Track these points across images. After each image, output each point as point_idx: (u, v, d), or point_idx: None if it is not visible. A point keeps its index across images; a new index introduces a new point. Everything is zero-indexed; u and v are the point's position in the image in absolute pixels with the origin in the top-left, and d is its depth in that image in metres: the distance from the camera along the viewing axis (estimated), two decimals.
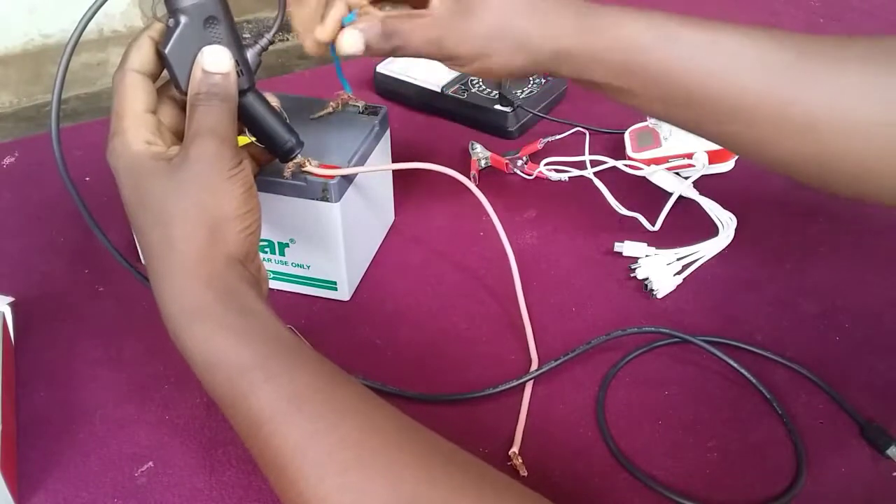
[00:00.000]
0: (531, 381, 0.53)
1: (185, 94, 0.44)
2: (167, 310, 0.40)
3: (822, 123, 0.44)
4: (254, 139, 0.50)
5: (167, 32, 0.43)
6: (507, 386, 0.52)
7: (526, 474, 0.48)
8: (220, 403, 0.39)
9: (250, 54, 0.46)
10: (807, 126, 0.44)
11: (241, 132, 0.50)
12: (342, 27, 0.48)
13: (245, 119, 0.48)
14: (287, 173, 0.52)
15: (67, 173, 0.45)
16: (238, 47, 0.45)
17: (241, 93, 0.46)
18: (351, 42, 0.48)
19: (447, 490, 0.35)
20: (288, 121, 0.49)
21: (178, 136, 0.46)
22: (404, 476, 0.35)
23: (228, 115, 0.43)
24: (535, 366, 0.54)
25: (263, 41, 0.47)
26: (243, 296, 0.40)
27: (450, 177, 0.54)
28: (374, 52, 0.48)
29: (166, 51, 0.43)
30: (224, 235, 0.41)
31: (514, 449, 0.49)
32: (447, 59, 0.49)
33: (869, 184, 0.45)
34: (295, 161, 0.51)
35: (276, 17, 0.48)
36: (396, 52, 0.48)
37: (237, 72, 0.45)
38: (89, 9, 0.43)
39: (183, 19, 0.43)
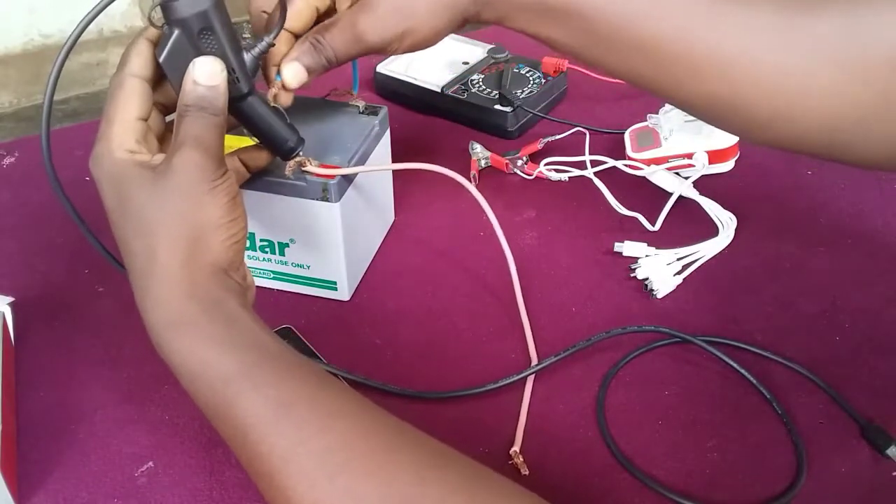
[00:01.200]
0: (531, 379, 0.53)
1: None
2: (150, 321, 0.40)
3: (734, 67, 0.43)
4: (255, 140, 0.50)
5: (162, 39, 0.43)
6: (507, 381, 0.52)
7: (527, 473, 0.48)
8: (206, 414, 0.39)
9: (249, 58, 0.46)
10: (720, 69, 0.44)
11: (241, 132, 0.50)
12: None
13: (246, 122, 0.48)
14: (288, 172, 0.52)
15: (56, 178, 0.45)
16: (236, 53, 0.44)
17: (241, 97, 0.46)
18: (292, 75, 0.49)
19: (439, 491, 0.35)
20: (288, 119, 0.49)
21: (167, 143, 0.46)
22: (396, 478, 0.35)
23: (215, 127, 0.42)
24: (534, 363, 0.54)
25: (263, 44, 0.46)
26: (227, 305, 0.40)
27: (450, 177, 0.54)
28: (316, 71, 0.49)
29: (161, 60, 0.43)
30: (208, 245, 0.41)
31: (515, 448, 0.49)
32: (377, 52, 0.49)
33: (783, 130, 0.45)
34: (296, 160, 0.51)
35: (276, 19, 0.48)
36: (333, 63, 0.49)
37: (234, 78, 0.44)
38: (89, 12, 0.42)
39: (178, 28, 0.42)
